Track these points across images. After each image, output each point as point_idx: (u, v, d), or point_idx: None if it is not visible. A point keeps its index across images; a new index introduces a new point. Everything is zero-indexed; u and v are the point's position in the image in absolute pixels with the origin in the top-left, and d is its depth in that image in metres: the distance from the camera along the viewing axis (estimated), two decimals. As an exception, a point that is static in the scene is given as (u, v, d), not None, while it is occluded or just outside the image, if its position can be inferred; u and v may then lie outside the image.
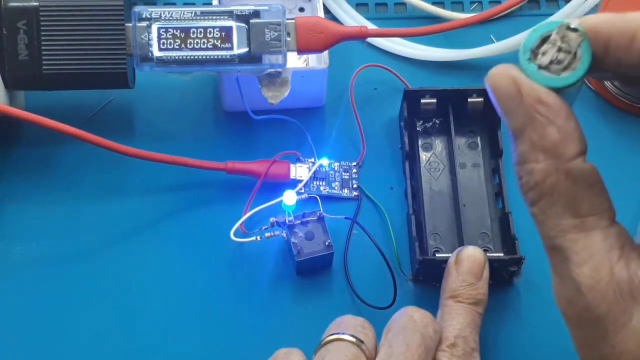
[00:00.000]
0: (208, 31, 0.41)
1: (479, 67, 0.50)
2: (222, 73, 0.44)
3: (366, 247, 0.43)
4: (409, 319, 0.34)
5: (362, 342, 0.33)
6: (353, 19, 0.52)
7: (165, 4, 0.52)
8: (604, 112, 0.49)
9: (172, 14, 0.41)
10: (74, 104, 0.47)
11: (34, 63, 0.41)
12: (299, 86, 0.45)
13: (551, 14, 0.50)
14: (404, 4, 0.53)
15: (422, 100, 0.46)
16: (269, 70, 0.43)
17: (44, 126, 0.41)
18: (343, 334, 0.33)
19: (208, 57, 0.41)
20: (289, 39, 0.42)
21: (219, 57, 0.42)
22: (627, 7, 0.48)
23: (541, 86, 0.28)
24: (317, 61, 0.48)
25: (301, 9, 0.50)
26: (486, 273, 0.38)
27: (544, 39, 0.29)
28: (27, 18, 0.41)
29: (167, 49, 0.41)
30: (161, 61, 0.41)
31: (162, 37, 0.41)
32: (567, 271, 0.28)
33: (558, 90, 0.28)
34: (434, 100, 0.45)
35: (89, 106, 0.47)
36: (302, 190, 0.44)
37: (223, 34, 0.41)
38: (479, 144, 0.46)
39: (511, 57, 0.48)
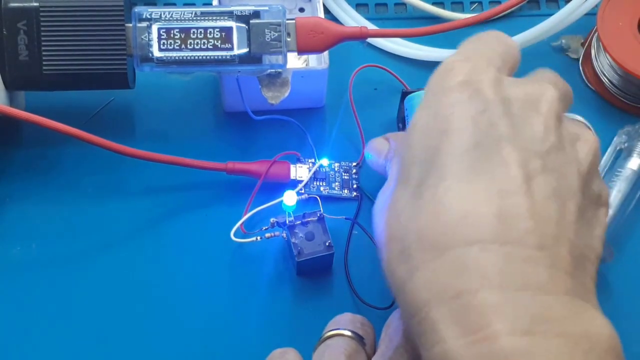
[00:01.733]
0: (208, 32, 0.41)
1: (479, 67, 0.50)
2: (222, 73, 0.44)
3: (366, 247, 0.43)
4: None
5: (361, 337, 0.33)
6: (353, 19, 0.52)
7: (166, 4, 0.52)
8: (604, 112, 0.49)
9: (172, 14, 0.41)
10: (74, 104, 0.47)
11: (34, 63, 0.41)
12: (299, 86, 0.45)
13: (551, 14, 0.50)
14: (404, 4, 0.53)
15: (422, 101, 0.46)
16: (269, 71, 0.43)
17: (44, 126, 0.41)
18: (343, 329, 0.33)
19: (208, 57, 0.41)
20: (289, 39, 0.42)
21: (219, 57, 0.42)
22: (627, 7, 0.48)
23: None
24: (317, 61, 0.48)
25: (301, 10, 0.50)
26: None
27: None
28: (27, 18, 0.41)
29: (167, 50, 0.41)
30: (161, 62, 0.41)
31: (162, 37, 0.41)
32: None
33: None
34: (434, 101, 0.45)
35: (89, 106, 0.47)
36: (303, 191, 0.44)
37: (223, 34, 0.41)
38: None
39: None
